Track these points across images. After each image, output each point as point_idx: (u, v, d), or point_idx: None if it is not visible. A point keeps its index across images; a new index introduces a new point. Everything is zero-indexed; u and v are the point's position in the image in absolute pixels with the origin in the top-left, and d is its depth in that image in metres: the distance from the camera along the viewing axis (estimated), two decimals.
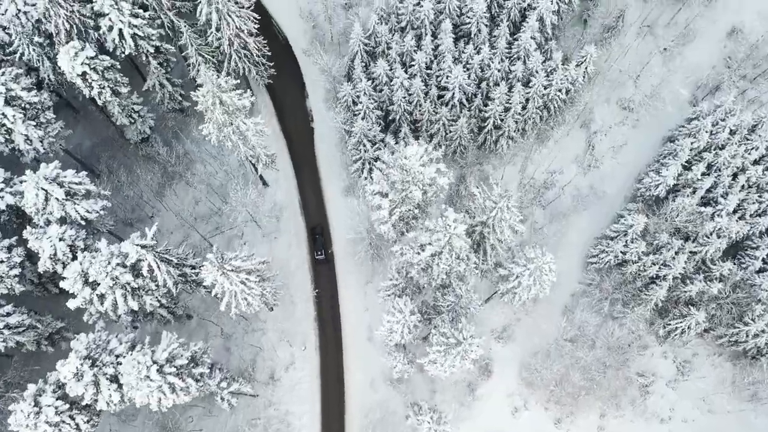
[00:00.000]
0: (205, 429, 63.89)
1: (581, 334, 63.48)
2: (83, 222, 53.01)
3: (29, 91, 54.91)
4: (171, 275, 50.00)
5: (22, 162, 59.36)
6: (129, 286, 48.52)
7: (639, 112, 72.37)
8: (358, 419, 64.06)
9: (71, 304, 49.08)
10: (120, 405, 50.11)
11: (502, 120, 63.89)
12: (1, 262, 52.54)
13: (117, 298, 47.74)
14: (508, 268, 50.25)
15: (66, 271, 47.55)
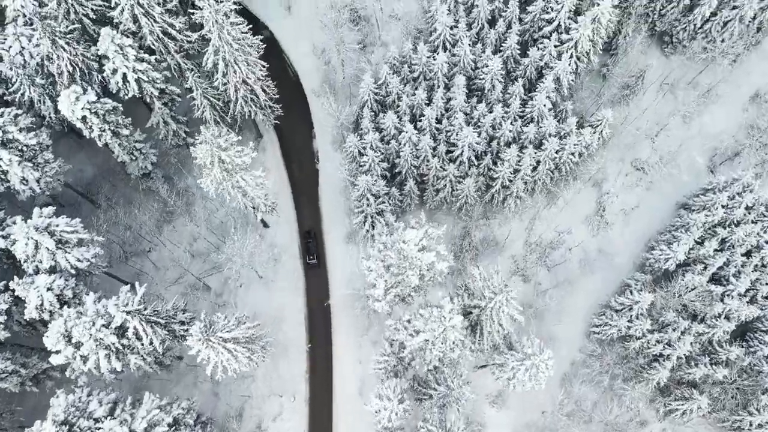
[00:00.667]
0: None
1: (578, 409, 61.45)
2: (73, 271, 51.72)
3: (28, 132, 53.71)
4: (158, 335, 48.61)
5: (18, 200, 58.31)
6: (113, 346, 47.15)
7: (653, 174, 70.29)
8: None
9: (54, 360, 47.77)
10: None
11: (511, 181, 62.05)
12: None
13: (100, 359, 46.34)
14: (503, 359, 48.26)
15: (49, 330, 46.27)
